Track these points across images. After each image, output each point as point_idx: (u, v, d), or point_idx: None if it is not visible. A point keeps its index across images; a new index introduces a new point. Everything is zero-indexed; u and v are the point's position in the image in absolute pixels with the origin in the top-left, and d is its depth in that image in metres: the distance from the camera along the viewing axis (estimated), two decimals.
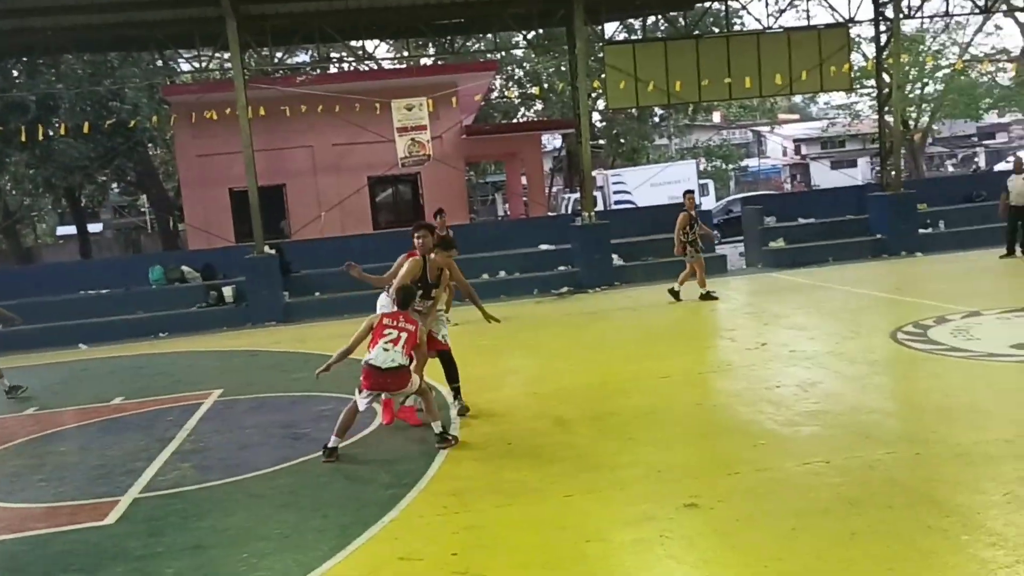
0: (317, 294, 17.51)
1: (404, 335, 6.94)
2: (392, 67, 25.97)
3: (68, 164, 24.15)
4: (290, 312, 16.95)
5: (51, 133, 19.80)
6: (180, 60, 23.84)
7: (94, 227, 40.89)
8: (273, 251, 17.34)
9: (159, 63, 21.52)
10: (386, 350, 6.87)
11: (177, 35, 18.05)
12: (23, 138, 19.06)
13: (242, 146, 16.93)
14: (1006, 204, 15.99)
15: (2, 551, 5.73)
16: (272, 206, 21.48)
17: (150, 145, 30.40)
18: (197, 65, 20.88)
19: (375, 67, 27.05)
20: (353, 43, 23.42)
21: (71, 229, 39.01)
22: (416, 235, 7.78)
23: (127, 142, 25.12)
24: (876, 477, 5.56)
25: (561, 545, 4.99)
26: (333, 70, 29.15)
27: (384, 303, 8.03)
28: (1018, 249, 15.75)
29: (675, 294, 14.25)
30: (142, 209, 47.50)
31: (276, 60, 20.35)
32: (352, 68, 25.63)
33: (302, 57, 29.34)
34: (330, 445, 6.94)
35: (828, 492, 5.37)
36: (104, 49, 18.75)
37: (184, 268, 18.06)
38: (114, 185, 36.52)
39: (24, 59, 18.80)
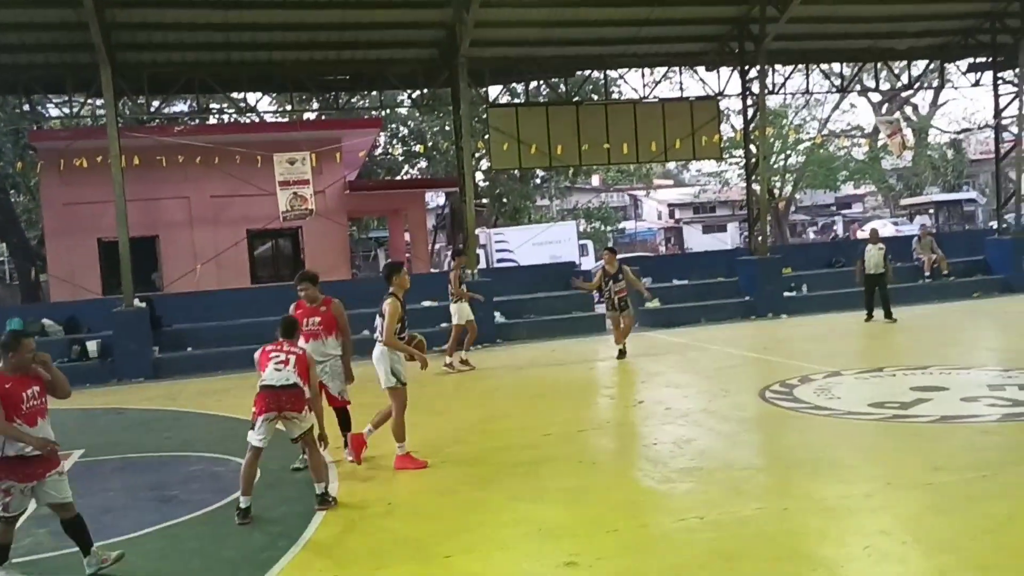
0: (190, 349, 16.90)
1: (292, 357, 6.87)
2: (275, 120, 25.71)
3: None
4: (160, 368, 16.27)
5: None
6: (49, 105, 22.91)
7: None
8: (143, 304, 16.68)
9: (26, 107, 20.61)
10: (278, 370, 6.76)
11: (48, 79, 17.40)
12: None
13: (114, 196, 16.34)
14: (862, 271, 16.75)
15: None
16: (144, 258, 20.74)
17: (12, 192, 28.94)
18: (67, 111, 20.13)
19: (257, 120, 26.71)
20: (234, 95, 23.10)
21: None
22: (299, 288, 8.25)
23: None
24: (748, 532, 5.74)
25: None
26: (213, 121, 28.62)
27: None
28: (879, 312, 16.50)
29: (622, 353, 14.05)
30: (0, 258, 44.91)
31: (152, 108, 19.81)
32: (233, 120, 25.25)
33: (180, 106, 28.68)
34: (242, 506, 6.59)
35: (703, 547, 5.51)
36: None
37: (45, 321, 17.14)
38: None
39: None
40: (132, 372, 15.93)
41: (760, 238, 20.06)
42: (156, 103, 19.67)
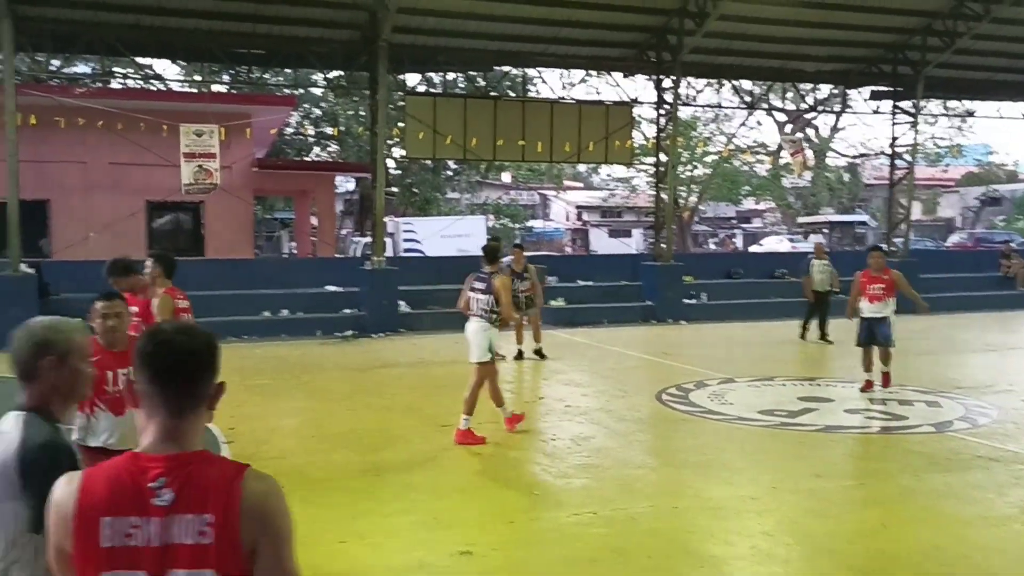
0: (78, 319, 16.21)
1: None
2: (184, 90, 24.90)
3: None
4: None
5: None
6: None
7: None
8: (31, 270, 15.93)
9: None
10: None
11: None
12: None
13: (7, 155, 15.54)
14: (810, 286, 16.20)
15: None
16: (33, 222, 19.76)
17: None
18: None
19: (163, 88, 25.84)
20: (141, 60, 22.27)
21: None
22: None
23: None
24: (639, 528, 5.89)
25: None
26: (116, 86, 27.51)
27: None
28: (812, 332, 15.96)
29: (539, 353, 13.82)
30: None
31: (52, 68, 18.91)
32: (139, 85, 24.35)
33: (82, 68, 27.48)
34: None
35: (596, 541, 5.62)
36: None
37: None
38: None
39: None
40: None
41: (664, 245, 20.50)
42: (56, 62, 18.82)
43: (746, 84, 24.26)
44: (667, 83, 20.07)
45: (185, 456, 1.84)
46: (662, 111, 20.59)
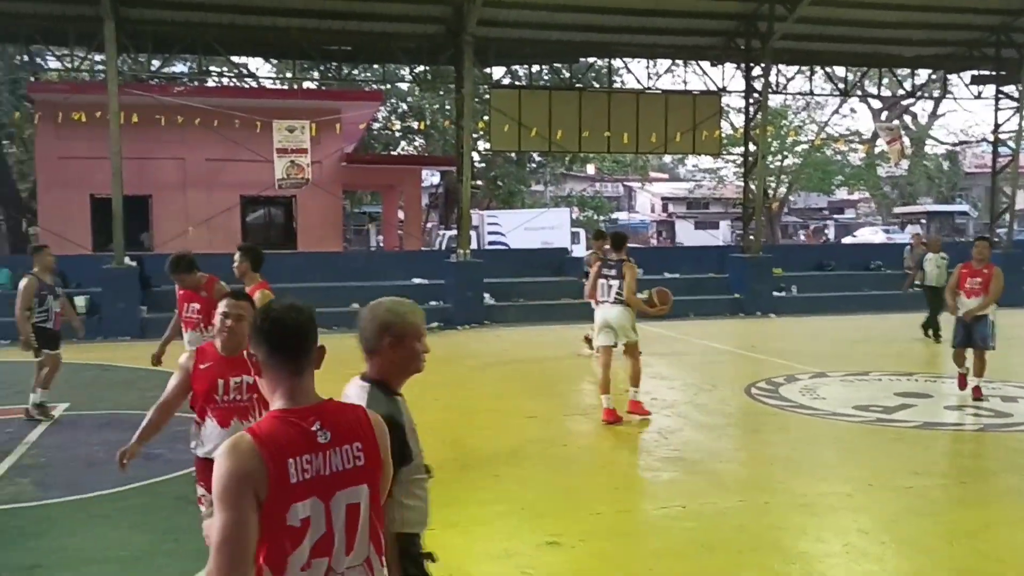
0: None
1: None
2: (276, 88, 25.54)
3: None
4: (147, 328, 16.18)
5: None
6: (49, 56, 22.70)
7: None
8: (134, 263, 16.61)
9: (24, 58, 20.43)
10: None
11: (50, 31, 17.22)
12: None
13: (110, 152, 16.23)
14: (915, 282, 15.28)
15: None
16: (136, 217, 20.60)
17: (6, 142, 28.69)
18: (67, 64, 19.95)
19: (256, 85, 26.56)
20: (236, 59, 22.94)
21: None
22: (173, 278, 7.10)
23: None
24: (728, 523, 5.80)
25: None
26: (212, 84, 28.38)
27: None
28: (928, 331, 14.88)
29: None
30: None
31: (153, 67, 19.66)
32: (232, 84, 25.08)
33: (180, 67, 28.45)
34: None
35: (684, 535, 5.57)
36: None
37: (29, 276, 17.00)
38: None
39: None
40: (119, 330, 15.88)
41: (753, 237, 20.11)
42: (156, 62, 19.53)
43: (839, 70, 23.55)
44: (756, 71, 19.67)
45: (321, 404, 2.28)
46: (751, 100, 20.19)
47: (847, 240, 43.97)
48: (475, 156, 30.59)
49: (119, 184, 16.30)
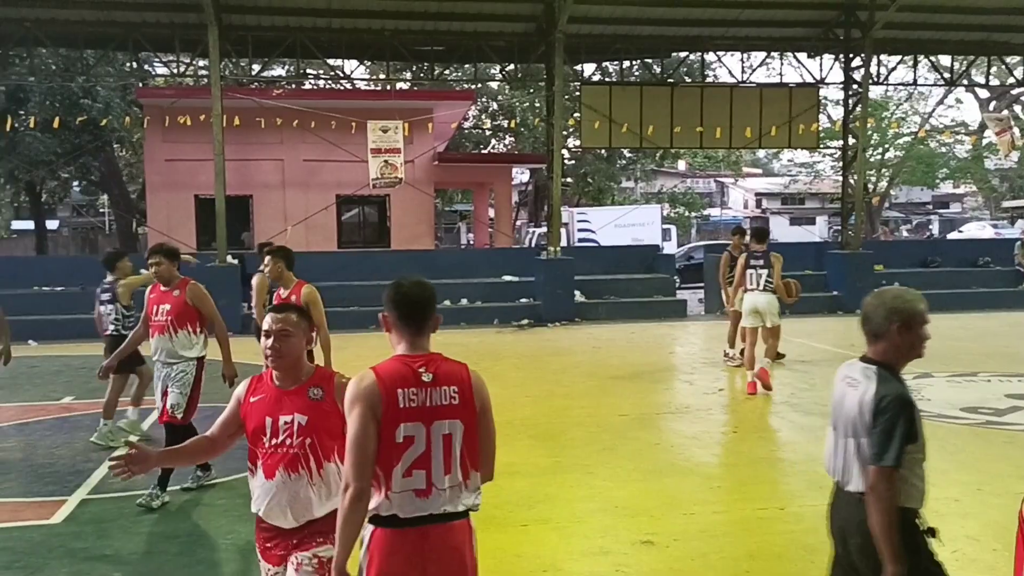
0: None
1: None
2: (369, 88, 26.05)
3: (33, 158, 23.75)
4: (248, 323, 16.72)
5: (18, 125, 19.45)
6: (156, 63, 23.67)
7: (50, 224, 40.15)
8: (235, 261, 17.18)
9: (134, 64, 21.35)
10: None
11: (156, 38, 17.95)
12: None
13: (214, 154, 16.83)
14: None
15: None
16: (237, 216, 21.32)
17: (116, 146, 30.04)
18: (172, 70, 20.74)
19: (350, 86, 27.10)
20: (331, 61, 23.44)
21: (26, 224, 38.28)
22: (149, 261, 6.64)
23: (95, 140, 24.80)
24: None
25: (517, 573, 4.99)
26: (307, 86, 29.13)
27: None
28: None
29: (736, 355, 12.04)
30: (101, 209, 46.78)
31: (253, 71, 20.31)
32: (327, 86, 25.69)
33: (278, 71, 29.30)
34: None
35: (782, 537, 5.46)
36: (80, 45, 18.55)
37: (143, 272, 17.77)
38: (76, 183, 35.96)
39: None
40: None
41: (852, 232, 19.53)
42: (256, 66, 20.15)
43: (944, 59, 22.62)
44: (856, 61, 19.09)
45: (429, 355, 2.97)
46: (850, 91, 19.59)
47: (953, 235, 42.27)
48: (565, 153, 30.57)
49: (222, 185, 16.88)
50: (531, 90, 29.45)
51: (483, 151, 37.23)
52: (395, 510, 2.82)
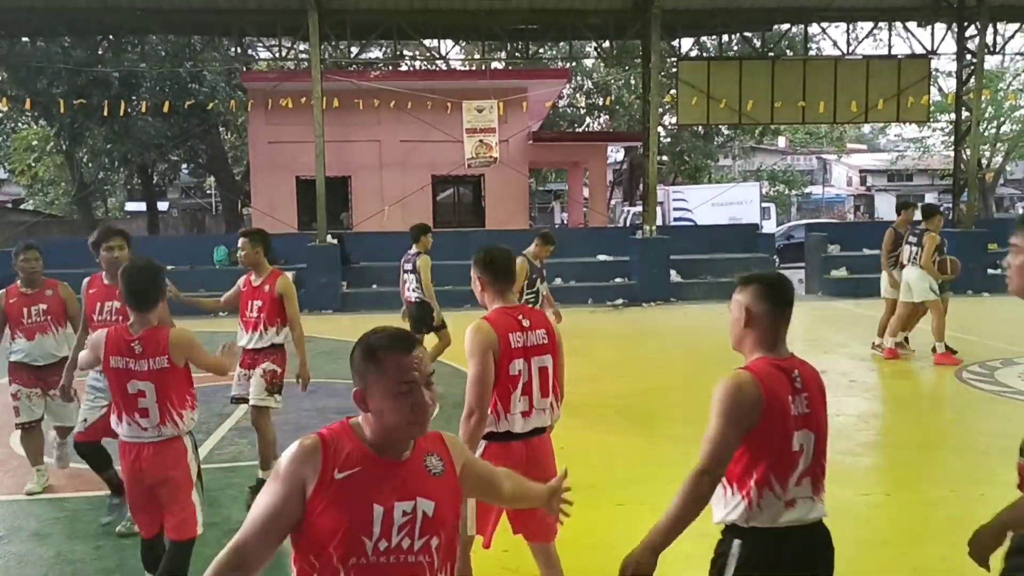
0: (375, 286, 17.70)
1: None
2: (464, 69, 26.17)
3: (144, 141, 24.81)
4: (347, 302, 17.16)
5: (131, 110, 20.29)
6: (258, 48, 24.32)
7: (161, 205, 41.88)
8: (335, 241, 17.58)
9: (238, 50, 22.01)
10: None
11: (259, 23, 18.42)
12: (105, 113, 19.61)
13: (314, 136, 17.21)
14: None
15: (63, 507, 5.90)
16: (336, 197, 21.78)
17: (222, 129, 31.06)
18: (274, 54, 21.26)
19: (445, 67, 27.32)
20: (427, 42, 23.63)
21: (139, 205, 40.00)
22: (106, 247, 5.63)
23: (202, 124, 25.71)
24: (938, 514, 5.46)
25: (614, 550, 4.97)
26: (403, 67, 29.43)
27: None
28: None
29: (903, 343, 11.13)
30: (208, 191, 48.52)
31: (351, 54, 20.67)
32: (423, 67, 25.93)
33: (375, 53, 29.74)
34: None
35: (888, 524, 5.29)
36: (187, 32, 19.22)
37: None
38: (184, 166, 37.38)
39: (110, 36, 19.35)
40: (322, 304, 16.89)
41: (965, 210, 18.68)
42: (355, 49, 20.48)
43: None
44: (971, 31, 18.16)
45: (520, 306, 3.90)
46: (964, 62, 18.68)
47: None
48: (661, 131, 30.15)
49: (322, 166, 17.27)
50: (627, 67, 29.10)
51: (578, 130, 37.01)
52: (510, 427, 3.66)
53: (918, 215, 11.10)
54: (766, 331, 2.84)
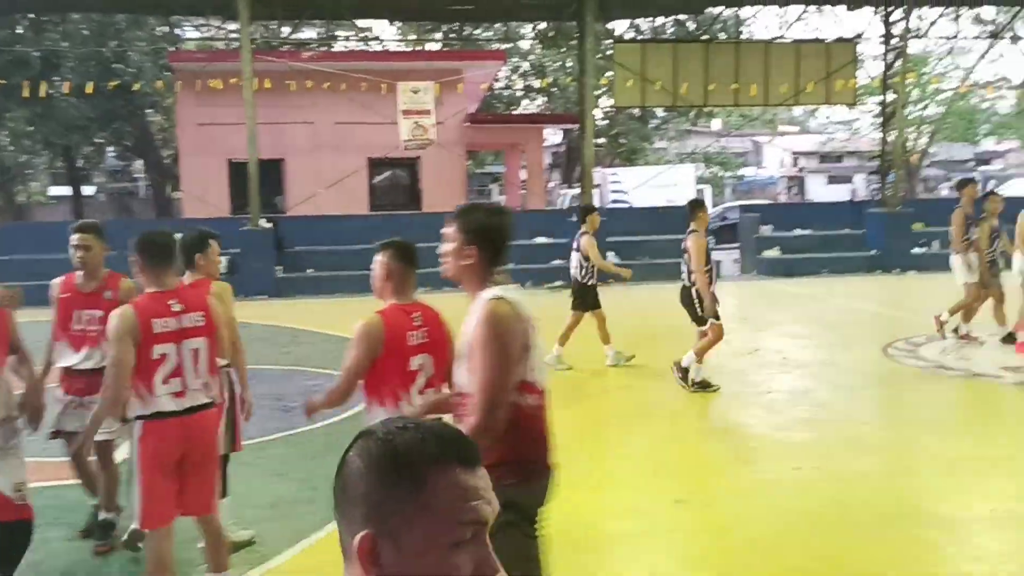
0: (310, 271, 17.46)
1: None
2: (400, 50, 25.88)
3: (68, 123, 24.00)
4: (282, 287, 16.89)
5: (52, 91, 19.59)
6: (186, 27, 23.69)
7: (86, 189, 40.62)
8: (269, 225, 17.28)
9: (165, 29, 21.40)
10: None
11: (187, 3, 17.95)
12: (25, 94, 18.89)
13: (245, 118, 16.85)
14: None
15: None
16: (269, 180, 21.35)
17: (150, 111, 30.23)
18: (203, 34, 20.75)
19: (380, 48, 27.00)
20: (361, 23, 23.32)
21: (63, 190, 38.74)
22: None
23: (128, 105, 24.99)
24: (867, 486, 5.60)
25: (549, 531, 4.99)
26: (338, 48, 29.00)
27: None
28: None
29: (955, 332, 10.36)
30: (135, 175, 47.21)
31: (283, 34, 20.27)
32: (358, 48, 25.56)
33: (308, 33, 29.22)
34: None
35: (819, 497, 5.41)
36: (112, 10, 18.63)
37: (177, 236, 17.94)
38: (110, 148, 36.31)
39: (30, 15, 18.64)
40: (256, 289, 16.59)
41: (891, 191, 19.17)
42: (287, 29, 20.09)
43: (987, 11, 21.97)
44: (896, 15, 18.58)
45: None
46: (890, 46, 19.11)
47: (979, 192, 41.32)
48: (597, 113, 30.24)
49: (254, 149, 16.93)
50: (563, 49, 29.10)
51: (515, 112, 36.94)
52: (159, 407, 3.72)
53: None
54: (397, 283, 3.58)
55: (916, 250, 18.73)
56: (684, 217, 8.50)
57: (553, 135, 40.00)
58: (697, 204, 8.62)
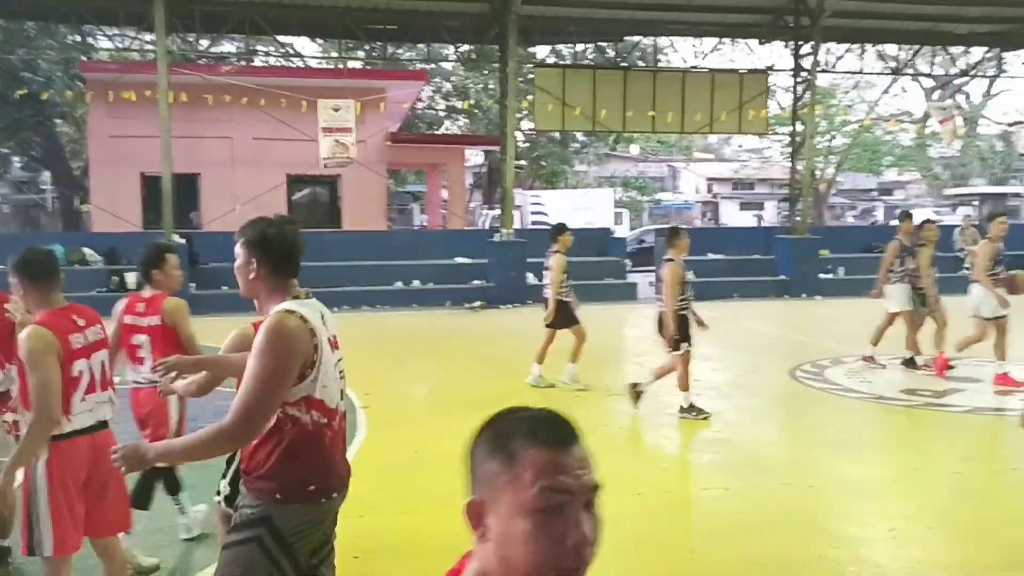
0: (225, 288, 17.10)
1: None
2: (321, 67, 25.69)
3: None
4: (196, 304, 16.32)
5: None
6: (99, 36, 23.06)
7: None
8: (183, 241, 16.89)
9: (77, 38, 20.80)
10: None
11: (101, 11, 17.51)
12: None
13: (160, 131, 16.49)
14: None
15: None
16: (184, 195, 20.90)
17: (59, 121, 29.28)
18: (117, 44, 20.22)
19: (301, 64, 26.73)
20: (282, 38, 23.07)
21: None
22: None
23: (36, 115, 24.15)
24: (772, 506, 5.77)
25: (443, 552, 5.00)
26: (257, 63, 28.61)
27: None
28: None
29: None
30: (42, 187, 45.54)
31: (201, 47, 19.91)
32: (278, 63, 25.29)
33: (227, 47, 28.76)
34: None
35: (727, 517, 5.55)
36: (21, 16, 18.03)
37: (86, 250, 17.41)
38: (16, 159, 34.98)
39: None
40: None
41: (800, 218, 19.85)
42: (205, 42, 19.76)
43: (891, 48, 23.04)
44: (805, 49, 19.33)
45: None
46: (799, 79, 19.85)
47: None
48: (519, 136, 30.54)
49: (168, 162, 16.57)
50: (485, 71, 29.34)
51: (437, 132, 36.99)
52: (74, 426, 3.62)
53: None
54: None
55: (822, 275, 19.40)
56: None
57: (475, 155, 40.17)
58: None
